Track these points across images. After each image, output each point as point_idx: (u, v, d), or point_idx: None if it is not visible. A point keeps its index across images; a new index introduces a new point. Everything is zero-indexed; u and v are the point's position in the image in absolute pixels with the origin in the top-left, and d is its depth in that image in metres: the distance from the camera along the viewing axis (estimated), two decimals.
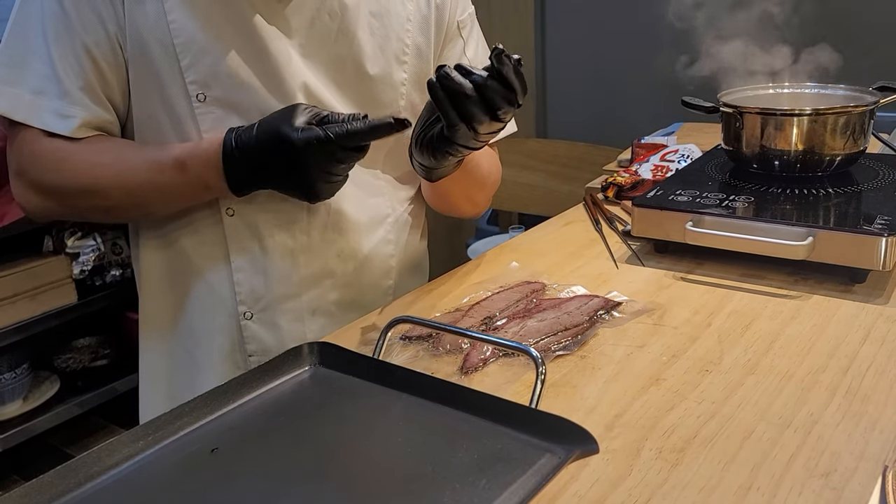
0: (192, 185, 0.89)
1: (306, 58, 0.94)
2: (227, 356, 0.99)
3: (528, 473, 0.58)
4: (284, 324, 0.99)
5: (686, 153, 1.37)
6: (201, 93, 0.90)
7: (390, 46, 0.99)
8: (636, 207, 1.10)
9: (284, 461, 0.62)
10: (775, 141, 1.12)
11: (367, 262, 1.05)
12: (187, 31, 0.88)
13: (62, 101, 0.88)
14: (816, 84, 1.23)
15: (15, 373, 2.07)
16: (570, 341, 0.87)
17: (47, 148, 0.89)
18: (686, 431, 0.71)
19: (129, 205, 0.92)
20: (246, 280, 0.97)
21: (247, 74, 0.91)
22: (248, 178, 0.88)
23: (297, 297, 0.99)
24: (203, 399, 0.68)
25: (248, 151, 0.86)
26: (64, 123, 0.88)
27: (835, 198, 1.08)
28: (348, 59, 0.97)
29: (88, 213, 0.95)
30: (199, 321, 0.99)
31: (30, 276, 2.01)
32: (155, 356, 1.04)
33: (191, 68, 0.89)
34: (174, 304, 1.01)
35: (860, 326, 0.88)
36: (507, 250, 1.19)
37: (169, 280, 1.01)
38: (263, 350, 0.99)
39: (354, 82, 0.98)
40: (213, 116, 0.91)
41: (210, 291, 0.98)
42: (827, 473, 0.64)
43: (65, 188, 0.91)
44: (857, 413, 0.72)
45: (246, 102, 0.92)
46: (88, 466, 0.60)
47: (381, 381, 0.71)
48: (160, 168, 0.89)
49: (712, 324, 0.91)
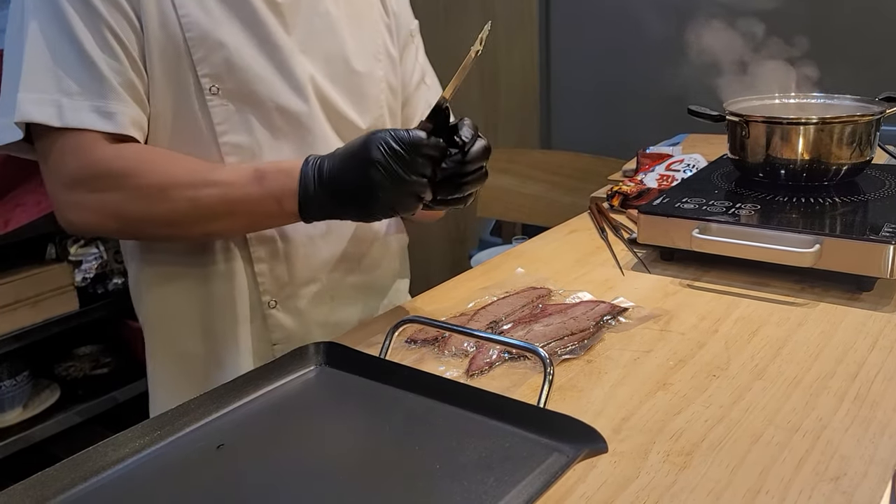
0: (265, 200, 0.85)
1: (305, 53, 0.97)
2: (251, 349, 1.00)
3: (536, 472, 0.57)
4: (307, 308, 1.01)
5: (691, 163, 1.38)
6: (215, 86, 0.91)
7: (369, 46, 1.04)
8: (642, 215, 1.10)
9: (290, 458, 0.62)
10: (781, 150, 1.12)
11: (381, 245, 1.08)
12: (199, 25, 0.89)
13: (104, 100, 0.85)
14: (822, 94, 1.23)
15: (15, 380, 2.06)
16: (577, 346, 0.86)
17: (110, 153, 0.86)
18: (694, 435, 0.70)
19: (188, 218, 0.87)
20: (268, 269, 0.98)
21: (259, 66, 0.92)
22: (320, 193, 0.84)
23: (319, 282, 1.02)
24: (209, 396, 0.68)
25: (324, 167, 0.84)
26: (110, 122, 0.86)
27: (841, 207, 1.08)
28: (339, 56, 1.00)
29: (149, 225, 0.89)
30: (219, 318, 0.99)
31: (32, 283, 2.01)
32: (167, 362, 1.03)
33: (203, 61, 0.90)
34: (185, 307, 1.00)
35: (868, 334, 0.87)
36: (512, 257, 1.18)
37: (177, 284, 1.00)
38: (288, 337, 1.00)
39: (345, 78, 1.01)
40: (226, 109, 0.92)
41: (230, 286, 0.98)
42: (837, 478, 0.64)
43: (129, 195, 0.86)
44: (866, 418, 0.72)
45: (260, 94, 0.93)
46: (94, 461, 0.59)
47: (387, 380, 0.71)
48: (235, 177, 0.87)
49: (719, 330, 0.90)
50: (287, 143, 0.96)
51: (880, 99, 1.18)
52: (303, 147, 0.96)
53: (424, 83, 1.15)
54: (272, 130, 0.95)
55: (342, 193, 0.82)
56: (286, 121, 0.95)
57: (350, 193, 0.81)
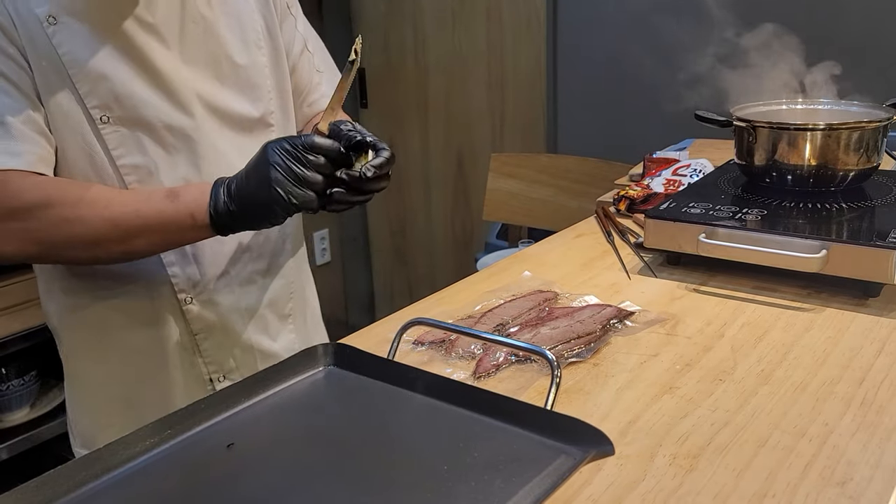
0: (179, 215, 0.93)
1: (188, 63, 1.02)
2: (177, 344, 1.08)
3: (543, 474, 0.58)
4: (221, 299, 1.09)
5: (698, 168, 1.38)
6: (105, 115, 0.96)
7: (248, 36, 1.08)
8: (649, 219, 1.10)
9: (299, 457, 0.62)
10: (788, 156, 1.12)
11: (279, 230, 1.13)
12: (79, 61, 0.94)
13: (11, 141, 0.91)
14: (829, 100, 1.23)
15: (23, 379, 2.07)
16: (583, 349, 0.87)
17: (36, 183, 0.92)
18: (700, 438, 0.71)
19: (106, 237, 0.93)
20: (180, 271, 1.05)
21: (143, 91, 0.98)
22: (229, 204, 0.93)
23: (227, 274, 1.09)
24: (219, 396, 0.68)
25: (232, 183, 0.93)
26: (19, 159, 0.91)
27: (848, 212, 1.08)
28: (221, 56, 1.05)
29: (69, 248, 0.95)
30: (141, 321, 1.06)
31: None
32: (91, 376, 1.11)
33: (90, 94, 0.95)
34: (104, 323, 1.06)
35: (874, 339, 0.88)
36: (518, 260, 1.19)
37: (96, 304, 1.06)
38: (208, 327, 1.08)
39: (231, 75, 1.06)
40: (119, 135, 0.98)
41: (149, 293, 1.05)
42: (843, 482, 0.64)
43: (46, 220, 0.92)
44: (873, 424, 0.72)
45: (148, 116, 0.99)
46: (105, 459, 0.60)
47: (395, 381, 0.71)
48: (149, 196, 0.95)
49: (725, 334, 0.91)
50: (180, 157, 1.02)
51: (888, 105, 1.18)
52: (195, 159, 1.02)
53: (307, 50, 1.20)
54: (165, 147, 1.00)
55: (247, 198, 0.91)
56: (176, 137, 1.01)
57: (254, 197, 0.91)
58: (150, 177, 1.00)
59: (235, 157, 1.04)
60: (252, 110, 1.08)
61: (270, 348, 1.15)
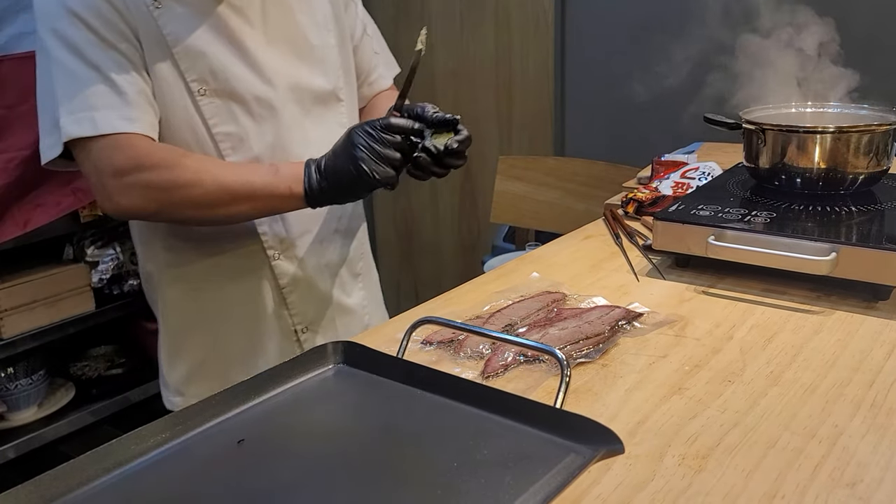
0: (280, 186, 1.05)
1: (270, 43, 1.14)
2: (267, 297, 1.20)
3: (552, 472, 0.58)
4: (305, 255, 1.22)
5: (707, 171, 1.38)
6: (203, 88, 1.09)
7: (318, 19, 1.21)
8: (658, 221, 1.10)
9: (309, 454, 0.63)
10: (798, 158, 1.12)
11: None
12: (181, 39, 1.07)
13: (127, 108, 1.03)
14: (839, 104, 1.23)
15: (31, 379, 2.07)
16: (592, 350, 0.87)
17: (158, 147, 1.05)
18: (709, 439, 0.71)
19: (219, 200, 1.04)
20: (269, 229, 1.18)
21: (235, 66, 1.11)
22: (320, 180, 1.06)
23: (309, 232, 1.22)
24: (230, 392, 0.68)
25: (321, 162, 1.06)
26: (135, 125, 1.03)
27: (857, 216, 1.08)
28: (298, 36, 1.18)
29: (185, 208, 1.05)
30: (235, 280, 1.19)
31: (49, 284, 2.03)
32: (188, 329, 1.22)
33: (190, 70, 1.08)
34: (202, 278, 1.19)
35: (884, 342, 0.87)
36: (527, 261, 1.19)
37: (196, 261, 1.18)
38: (294, 281, 1.21)
39: (308, 53, 1.19)
40: (214, 105, 1.10)
41: (243, 250, 1.18)
42: (853, 483, 0.64)
43: (169, 180, 1.04)
44: (883, 425, 0.72)
45: (239, 89, 1.11)
46: (117, 453, 0.60)
47: (404, 380, 0.72)
48: (255, 168, 1.08)
49: (734, 336, 0.90)
50: (266, 125, 1.14)
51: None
52: (278, 128, 1.15)
53: (367, 34, 1.33)
54: (253, 116, 1.13)
55: (335, 175, 1.04)
56: (262, 108, 1.13)
57: (341, 174, 1.03)
58: (242, 143, 1.12)
59: (311, 126, 1.18)
60: (325, 84, 1.20)
61: (346, 303, 1.29)
